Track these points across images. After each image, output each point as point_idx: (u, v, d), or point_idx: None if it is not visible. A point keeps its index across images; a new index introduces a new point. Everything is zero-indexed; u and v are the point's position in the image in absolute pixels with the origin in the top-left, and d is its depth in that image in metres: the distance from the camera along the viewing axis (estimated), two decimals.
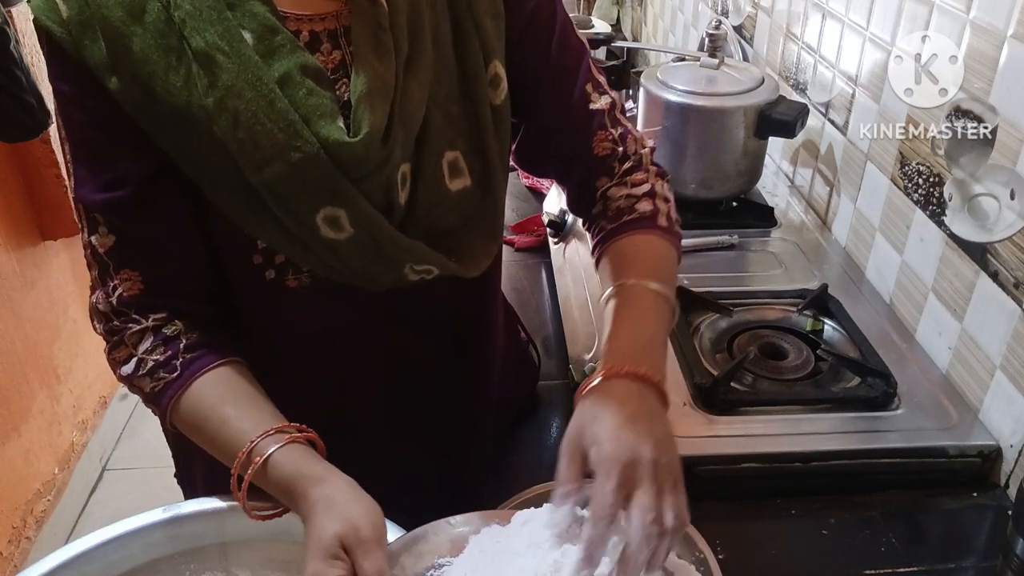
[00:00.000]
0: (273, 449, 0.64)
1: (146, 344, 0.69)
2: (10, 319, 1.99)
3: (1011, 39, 0.84)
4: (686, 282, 1.15)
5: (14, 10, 1.76)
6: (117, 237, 0.68)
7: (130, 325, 0.70)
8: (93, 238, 0.69)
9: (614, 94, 0.83)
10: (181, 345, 0.69)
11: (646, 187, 0.81)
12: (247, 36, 0.63)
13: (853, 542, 0.82)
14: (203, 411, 0.68)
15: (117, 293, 0.69)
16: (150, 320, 0.70)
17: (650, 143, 0.85)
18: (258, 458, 0.63)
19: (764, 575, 0.80)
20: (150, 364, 0.69)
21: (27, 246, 2.10)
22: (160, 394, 0.69)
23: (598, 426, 0.60)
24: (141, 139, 0.65)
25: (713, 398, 0.93)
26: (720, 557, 0.72)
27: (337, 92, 0.67)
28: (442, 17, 0.71)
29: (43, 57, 0.65)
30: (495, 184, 0.75)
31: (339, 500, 0.61)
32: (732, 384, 0.96)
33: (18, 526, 1.96)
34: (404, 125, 0.68)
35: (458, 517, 0.65)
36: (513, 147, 0.84)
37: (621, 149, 0.81)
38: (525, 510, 0.64)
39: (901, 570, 0.79)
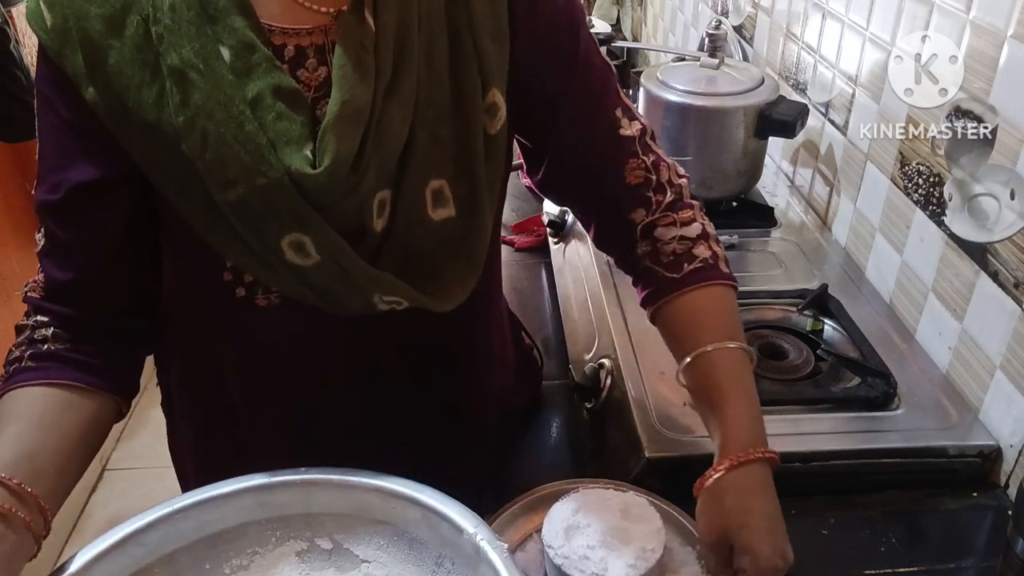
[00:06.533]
0: None
1: (19, 337, 0.70)
2: (10, 319, 1.98)
3: (1011, 39, 0.84)
4: None
5: (14, 10, 1.76)
6: (45, 239, 0.70)
7: (23, 320, 0.71)
8: (37, 235, 0.70)
9: (644, 119, 0.79)
10: (28, 352, 0.69)
11: (697, 227, 0.78)
12: (225, 52, 0.62)
13: (853, 542, 0.82)
14: None
15: (25, 291, 0.71)
16: (32, 320, 0.71)
17: (682, 170, 0.81)
18: None
19: None
20: (9, 356, 0.69)
21: (27, 246, 2.10)
22: None
23: (748, 535, 0.63)
24: (99, 150, 0.65)
25: None
26: None
27: (318, 111, 0.65)
28: (438, 33, 0.68)
29: None
30: (481, 215, 0.72)
31: None
32: None
33: None
34: (380, 151, 0.65)
35: None
36: (538, 176, 0.81)
37: (654, 178, 0.78)
38: None
39: (901, 570, 0.79)
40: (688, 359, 0.72)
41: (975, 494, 0.88)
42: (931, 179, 1.00)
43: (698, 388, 0.72)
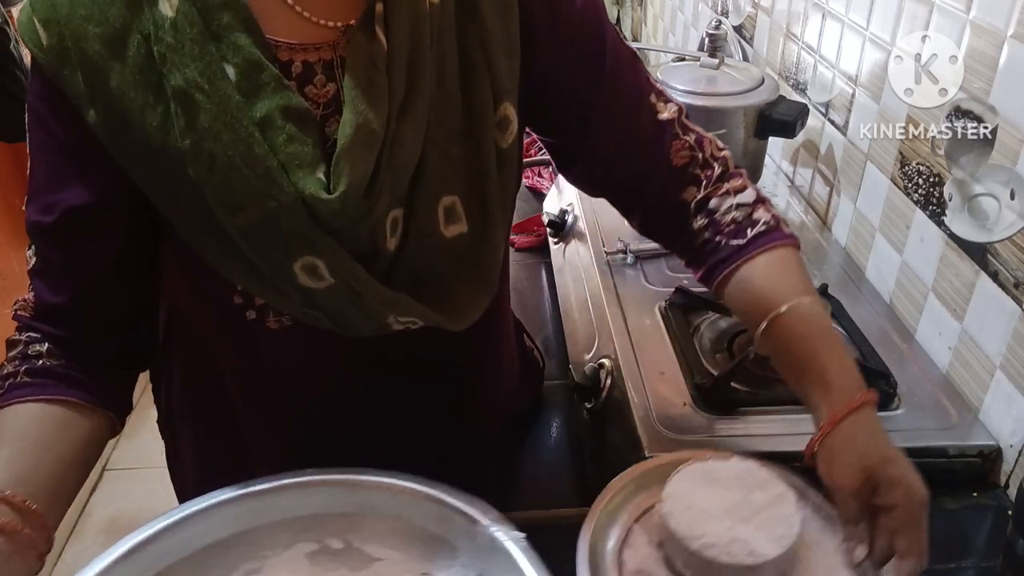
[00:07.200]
0: None
1: (12, 352, 0.70)
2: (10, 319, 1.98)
3: (1011, 39, 0.84)
4: (685, 281, 1.15)
5: (14, 10, 1.76)
6: (37, 259, 0.70)
7: (15, 335, 0.71)
8: (28, 252, 0.70)
9: (678, 100, 0.79)
10: (24, 368, 0.68)
11: (751, 193, 0.77)
12: (230, 71, 0.60)
13: None
14: None
15: (15, 309, 0.70)
16: (24, 335, 0.70)
17: (721, 143, 0.81)
18: None
19: None
20: (3, 370, 0.69)
21: (28, 246, 2.10)
22: None
23: (897, 468, 0.62)
24: (94, 172, 0.64)
25: (713, 398, 0.93)
26: None
27: (327, 129, 0.64)
28: (449, 51, 0.66)
29: None
30: (493, 231, 0.71)
31: None
32: (732, 384, 0.96)
33: None
34: (394, 173, 0.64)
35: None
36: (573, 173, 0.81)
37: (700, 155, 0.78)
38: None
39: None
40: (765, 323, 0.71)
41: (975, 494, 0.88)
42: (931, 179, 1.00)
43: (782, 348, 0.71)
